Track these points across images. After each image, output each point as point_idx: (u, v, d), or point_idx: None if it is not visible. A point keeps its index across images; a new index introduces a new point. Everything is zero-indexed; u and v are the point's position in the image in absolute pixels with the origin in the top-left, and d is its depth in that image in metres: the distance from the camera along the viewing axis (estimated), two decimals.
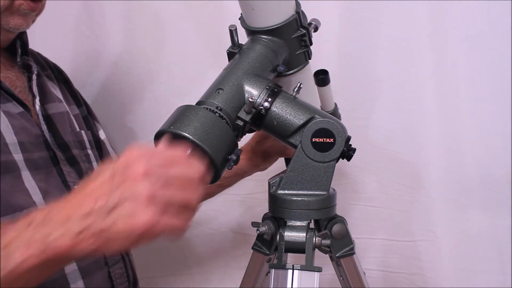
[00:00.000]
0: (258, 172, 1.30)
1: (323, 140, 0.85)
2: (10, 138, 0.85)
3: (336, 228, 0.90)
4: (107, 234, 0.60)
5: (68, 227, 0.60)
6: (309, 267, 0.81)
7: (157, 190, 0.60)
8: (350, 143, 0.88)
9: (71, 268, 0.88)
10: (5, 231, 0.62)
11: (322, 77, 0.96)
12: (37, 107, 0.93)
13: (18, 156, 0.85)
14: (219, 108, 0.80)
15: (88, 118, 1.09)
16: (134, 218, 0.59)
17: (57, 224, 0.61)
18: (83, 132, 1.03)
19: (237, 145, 0.80)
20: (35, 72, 0.97)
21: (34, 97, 0.94)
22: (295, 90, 0.86)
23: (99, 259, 0.94)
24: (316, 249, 0.86)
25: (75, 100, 1.08)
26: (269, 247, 0.92)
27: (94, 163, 1.02)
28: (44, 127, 0.92)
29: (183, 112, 0.78)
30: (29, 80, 0.95)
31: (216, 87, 0.83)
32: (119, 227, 0.59)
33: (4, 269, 0.60)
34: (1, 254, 0.60)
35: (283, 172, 0.89)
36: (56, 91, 1.03)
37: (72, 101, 1.07)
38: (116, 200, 0.60)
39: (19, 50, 0.97)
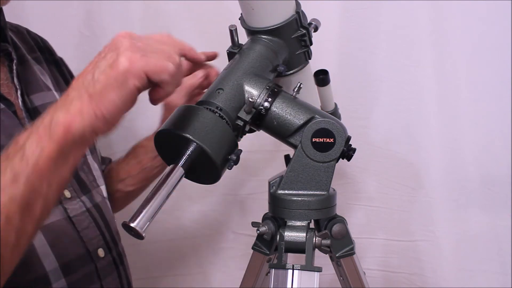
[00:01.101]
0: (258, 172, 1.30)
1: (323, 140, 0.85)
2: None
3: (336, 228, 0.90)
4: (93, 90, 0.61)
5: (64, 108, 0.62)
6: (309, 267, 0.81)
7: (137, 42, 0.64)
8: (350, 143, 0.88)
9: (58, 285, 0.83)
10: (14, 143, 0.62)
11: (322, 77, 0.96)
12: (19, 101, 0.86)
13: None
14: (219, 108, 0.80)
15: None
16: (115, 63, 0.62)
17: (54, 110, 0.62)
18: None
19: (237, 145, 0.80)
20: (15, 61, 0.89)
21: (16, 89, 0.87)
22: (295, 90, 0.86)
23: (91, 273, 0.89)
24: (316, 249, 0.86)
25: (68, 85, 1.02)
26: (269, 247, 0.92)
27: (89, 156, 0.99)
28: (29, 125, 0.86)
29: (183, 112, 0.77)
30: (11, 70, 0.88)
31: (216, 87, 0.83)
32: (102, 79, 0.62)
33: (26, 169, 0.60)
34: (18, 157, 0.60)
35: (283, 172, 0.89)
36: (45, 77, 0.96)
37: (65, 86, 1.00)
38: (99, 62, 0.63)
39: None
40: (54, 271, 0.83)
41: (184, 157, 0.73)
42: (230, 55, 0.90)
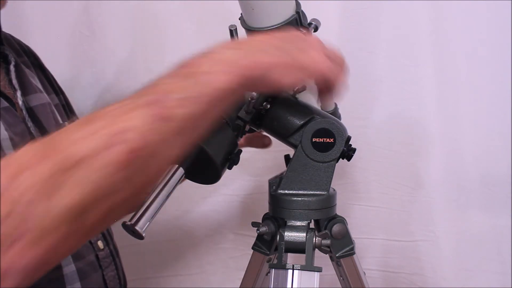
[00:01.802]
0: (258, 172, 1.29)
1: (323, 140, 0.85)
2: (2, 133, 0.80)
3: (336, 228, 0.90)
4: (296, 63, 0.67)
5: (264, 51, 0.64)
6: (309, 267, 0.81)
7: (324, 48, 0.72)
8: (350, 143, 0.87)
9: (69, 270, 0.87)
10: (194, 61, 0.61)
11: None
12: (20, 101, 0.88)
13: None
14: None
15: (66, 108, 1.05)
16: (317, 60, 0.69)
17: (250, 49, 0.64)
18: (66, 123, 0.97)
19: (237, 145, 0.80)
20: (13, 63, 0.91)
21: (15, 90, 0.88)
22: (295, 90, 0.86)
23: (93, 262, 0.93)
24: (316, 249, 0.86)
25: (53, 88, 1.03)
26: (269, 247, 0.92)
27: None
28: (30, 123, 0.88)
29: None
30: (7, 72, 0.89)
31: None
32: (305, 59, 0.68)
33: (205, 95, 0.57)
34: (200, 80, 0.58)
35: (283, 172, 0.89)
36: (35, 80, 0.97)
37: (51, 89, 1.02)
38: (299, 45, 0.69)
39: None
40: None
41: (184, 157, 0.73)
42: None
